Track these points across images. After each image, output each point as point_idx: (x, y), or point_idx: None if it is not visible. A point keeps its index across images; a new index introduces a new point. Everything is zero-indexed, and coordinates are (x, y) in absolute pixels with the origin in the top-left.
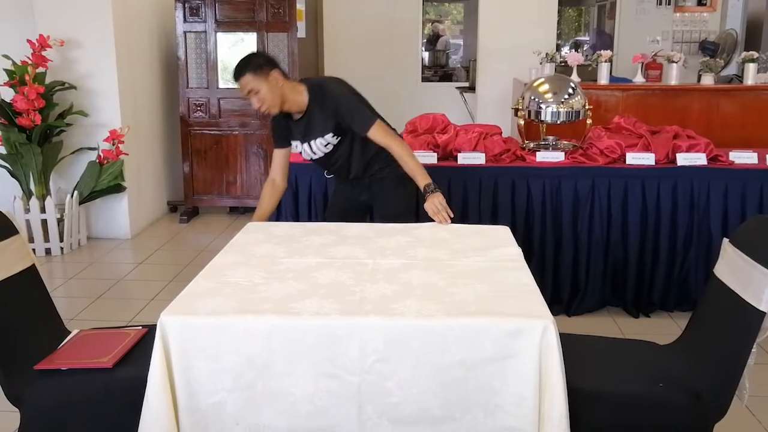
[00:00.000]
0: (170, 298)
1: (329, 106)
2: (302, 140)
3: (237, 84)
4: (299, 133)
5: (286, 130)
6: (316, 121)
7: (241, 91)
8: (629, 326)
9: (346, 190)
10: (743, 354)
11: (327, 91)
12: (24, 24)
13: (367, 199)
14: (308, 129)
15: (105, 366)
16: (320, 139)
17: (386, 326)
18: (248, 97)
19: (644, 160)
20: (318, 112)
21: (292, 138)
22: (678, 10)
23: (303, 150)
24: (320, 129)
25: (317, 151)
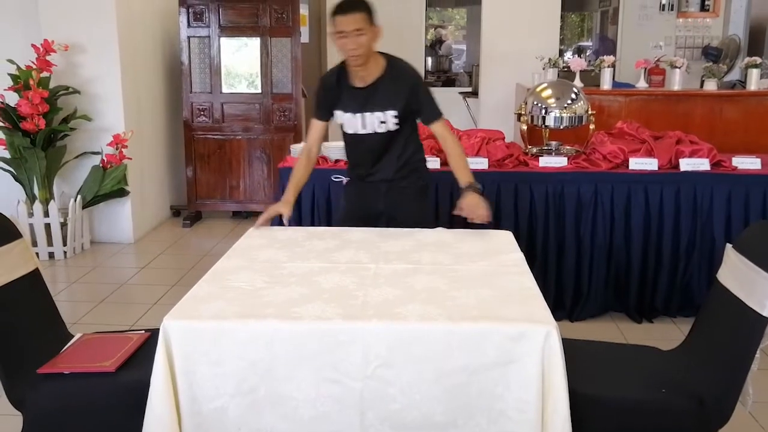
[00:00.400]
0: (173, 302)
1: (406, 84)
2: (358, 110)
3: (341, 17)
4: (356, 102)
5: (336, 97)
6: (384, 93)
7: (342, 26)
8: (632, 331)
9: (361, 199)
10: (746, 360)
11: (408, 69)
12: (28, 28)
13: (385, 208)
14: (371, 99)
15: (107, 370)
16: (380, 113)
17: (389, 331)
18: (345, 35)
19: (647, 165)
20: (390, 86)
21: (341, 107)
22: (681, 15)
23: (350, 123)
24: (386, 102)
25: (368, 126)
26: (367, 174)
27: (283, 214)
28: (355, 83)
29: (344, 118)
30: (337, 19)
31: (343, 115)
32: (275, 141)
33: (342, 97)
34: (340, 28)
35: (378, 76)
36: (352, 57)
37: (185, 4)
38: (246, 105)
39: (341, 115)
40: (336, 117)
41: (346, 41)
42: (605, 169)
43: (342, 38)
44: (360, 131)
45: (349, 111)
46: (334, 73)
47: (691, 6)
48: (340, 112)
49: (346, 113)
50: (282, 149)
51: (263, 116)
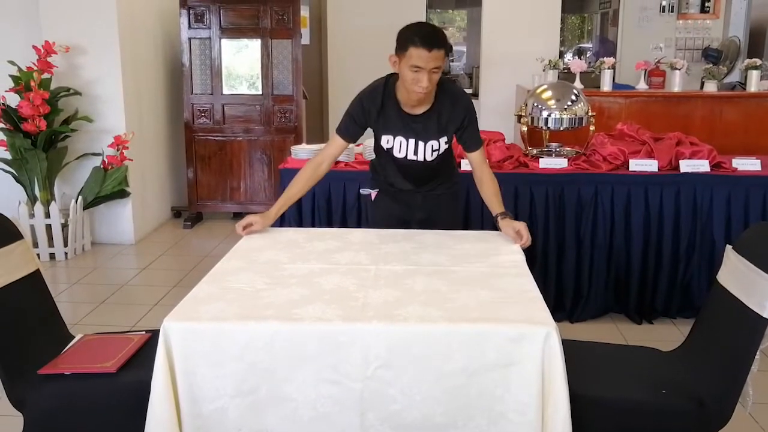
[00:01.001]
0: (173, 303)
1: (460, 111)
2: (412, 136)
3: (424, 52)
4: (411, 130)
5: (381, 121)
6: (439, 122)
7: (423, 61)
8: (632, 333)
9: (394, 208)
10: (746, 361)
11: (460, 95)
12: (30, 30)
13: (420, 216)
14: (426, 128)
15: (108, 371)
16: (434, 141)
17: (389, 332)
18: (421, 70)
19: (647, 166)
20: (445, 114)
21: (389, 132)
22: (681, 17)
23: (401, 148)
24: (441, 131)
25: (419, 154)
26: (403, 188)
27: (255, 228)
28: (407, 109)
29: (394, 143)
30: (417, 53)
31: (393, 140)
32: (276, 142)
33: (389, 122)
34: (420, 63)
35: (432, 102)
36: (421, 93)
37: (186, 6)
38: (247, 106)
39: (390, 140)
40: (383, 141)
41: (420, 76)
42: (605, 170)
43: (417, 72)
44: (411, 157)
45: (401, 136)
46: (379, 94)
47: (691, 7)
48: (389, 136)
49: (397, 137)
50: (283, 151)
51: (264, 118)
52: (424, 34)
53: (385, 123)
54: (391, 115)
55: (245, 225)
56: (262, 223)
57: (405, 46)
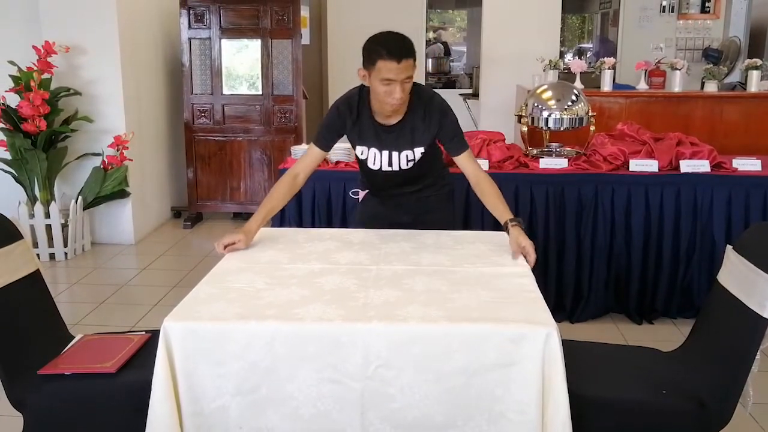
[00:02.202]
0: (174, 303)
1: (435, 116)
2: (385, 148)
3: (392, 63)
4: (383, 141)
5: (355, 132)
6: (412, 131)
7: (393, 73)
8: (632, 333)
9: (383, 211)
10: (747, 361)
11: (435, 101)
12: (30, 30)
13: (411, 219)
14: (400, 138)
15: (108, 371)
16: (408, 152)
17: (389, 332)
18: (392, 83)
19: (647, 167)
20: (418, 123)
21: (363, 143)
22: (681, 17)
23: (374, 159)
24: (415, 140)
25: (395, 164)
26: (391, 196)
27: (238, 246)
28: (380, 120)
29: (368, 154)
30: (386, 65)
31: (367, 151)
32: (276, 142)
33: (364, 133)
34: (390, 75)
35: (405, 112)
36: (395, 105)
37: (186, 6)
38: (247, 106)
39: (364, 151)
40: (358, 152)
41: (392, 89)
42: (606, 170)
43: (388, 85)
44: (386, 168)
45: (374, 147)
46: (354, 104)
47: (691, 8)
48: (363, 147)
49: (371, 149)
50: (282, 151)
51: (264, 118)
52: (392, 46)
53: (359, 133)
54: (365, 125)
55: (227, 243)
56: (245, 241)
57: (373, 60)
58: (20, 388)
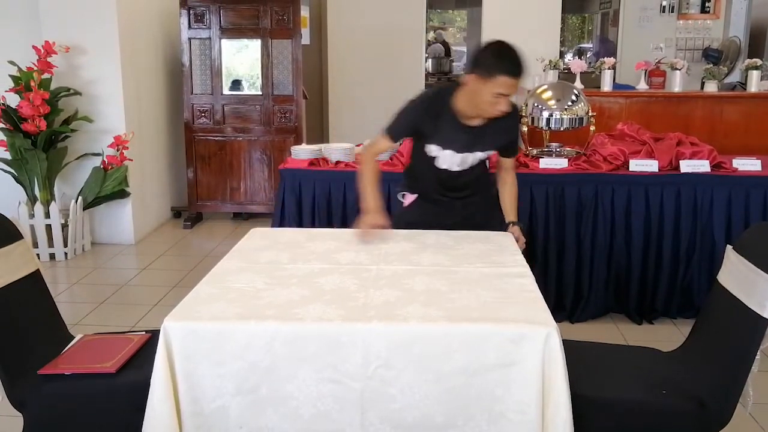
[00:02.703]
0: (174, 303)
1: (514, 121)
2: (462, 149)
3: (511, 80)
4: (462, 142)
5: (434, 130)
6: (492, 134)
7: (508, 88)
8: (632, 333)
9: (432, 216)
10: (747, 361)
11: (515, 107)
12: (30, 30)
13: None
14: (479, 139)
15: (108, 371)
16: (482, 153)
17: (389, 332)
18: (503, 96)
19: (647, 167)
20: (499, 126)
21: (438, 142)
22: (681, 17)
23: (446, 160)
24: (492, 142)
25: (464, 164)
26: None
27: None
28: (464, 121)
29: (441, 154)
30: (506, 82)
31: (441, 152)
32: (276, 142)
33: (444, 133)
34: (505, 90)
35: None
36: (495, 115)
37: (186, 6)
38: (247, 106)
39: (437, 150)
40: (429, 150)
41: (501, 101)
42: (606, 170)
43: (498, 97)
44: (454, 168)
45: (450, 149)
46: (438, 104)
47: (691, 8)
48: (436, 147)
49: (446, 150)
50: (282, 151)
51: (264, 118)
52: (515, 64)
53: (437, 133)
54: (446, 126)
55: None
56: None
57: (492, 73)
58: (20, 388)
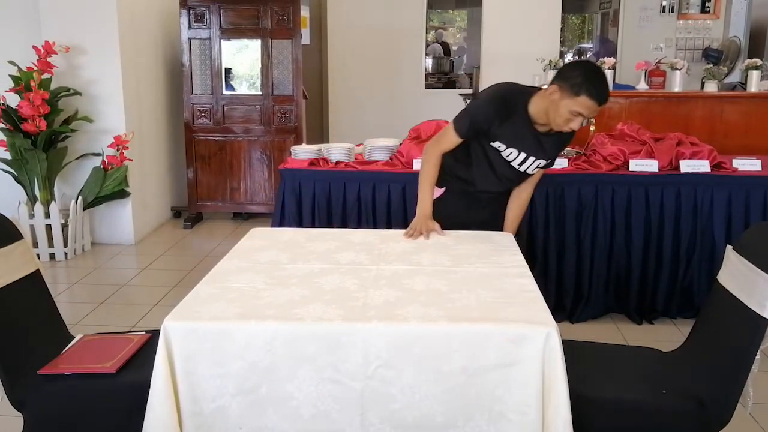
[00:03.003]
0: (174, 303)
1: (570, 137)
2: (530, 152)
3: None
4: (531, 146)
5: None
6: (555, 145)
7: (589, 112)
8: (632, 333)
9: (462, 209)
10: (747, 361)
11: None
12: (30, 30)
13: (486, 218)
14: (544, 147)
15: (108, 371)
16: (542, 161)
17: (389, 332)
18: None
19: (647, 167)
20: (562, 138)
21: (506, 142)
22: (681, 17)
23: (511, 157)
24: (553, 153)
25: (524, 167)
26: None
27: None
28: (537, 127)
29: (507, 152)
30: (587, 104)
31: (508, 150)
32: (276, 142)
33: (514, 134)
34: (586, 113)
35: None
36: (565, 130)
37: (186, 6)
38: (247, 107)
39: (504, 148)
40: (496, 145)
41: (576, 121)
42: (606, 170)
43: (575, 116)
44: (515, 164)
45: (516, 149)
46: (512, 106)
47: (691, 8)
48: (503, 145)
49: (512, 148)
50: (282, 151)
51: (264, 118)
52: (602, 90)
53: (507, 132)
54: (518, 128)
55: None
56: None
57: (578, 92)
58: (20, 388)
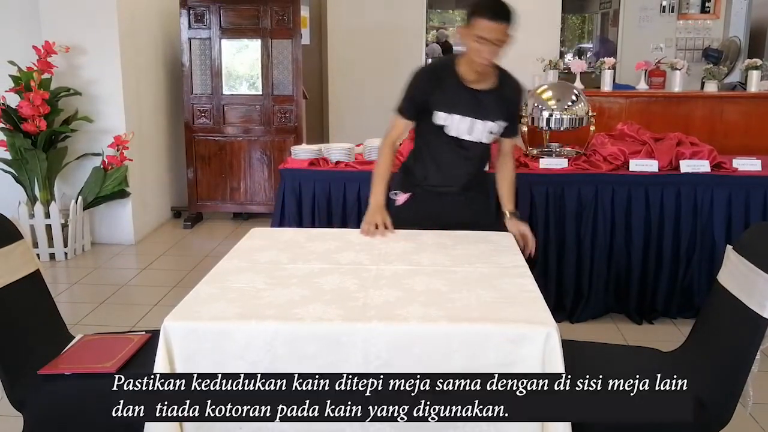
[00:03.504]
0: (174, 303)
1: (515, 94)
2: (470, 114)
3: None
4: (469, 106)
5: (441, 96)
6: (498, 102)
7: (488, 33)
8: (632, 333)
9: (432, 212)
10: (747, 361)
11: (517, 81)
12: (30, 30)
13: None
14: (486, 106)
15: (108, 371)
16: (492, 123)
17: (389, 332)
18: (486, 43)
19: (647, 167)
20: (504, 95)
21: (445, 109)
22: (681, 17)
23: (455, 126)
24: (498, 112)
25: (474, 134)
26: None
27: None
28: (468, 84)
29: (450, 121)
30: (483, 24)
31: (450, 117)
32: (276, 143)
33: (450, 97)
34: (485, 35)
35: (493, 83)
36: (482, 64)
37: (186, 6)
38: (247, 107)
39: (445, 118)
40: (437, 117)
41: (485, 48)
42: (606, 170)
43: (481, 44)
44: (464, 137)
45: (457, 113)
46: (440, 68)
47: (691, 8)
48: (444, 114)
49: (453, 114)
50: (282, 151)
51: (264, 118)
52: (491, 7)
53: (443, 98)
54: (451, 89)
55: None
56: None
57: (472, 18)
58: (20, 388)
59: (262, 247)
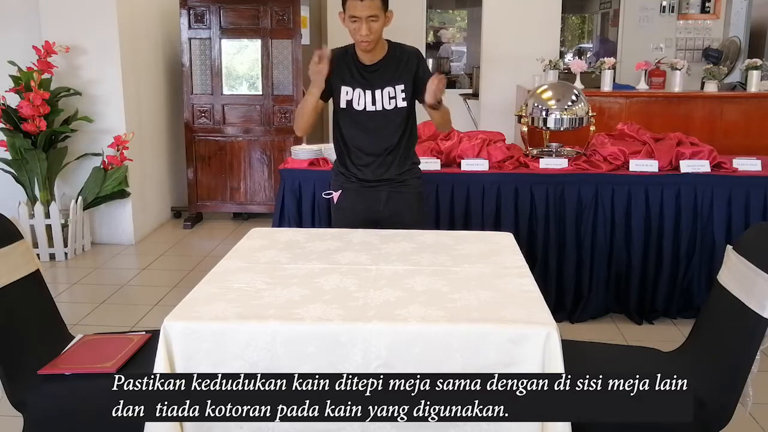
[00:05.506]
0: (174, 303)
1: (412, 57)
2: (368, 86)
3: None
4: (365, 80)
5: (344, 74)
6: (392, 69)
7: (356, 11)
8: (632, 333)
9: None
10: (747, 361)
11: (409, 48)
12: (30, 30)
13: (386, 215)
14: (380, 76)
15: (108, 371)
16: (390, 88)
17: (389, 332)
18: (358, 20)
19: (647, 167)
20: (396, 61)
21: (349, 84)
22: (681, 17)
23: (358, 99)
24: (394, 78)
25: (377, 103)
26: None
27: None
28: (363, 61)
29: (353, 95)
30: (351, 3)
31: (352, 92)
32: (276, 143)
33: (347, 73)
34: (354, 13)
35: (383, 54)
36: (363, 43)
37: (186, 6)
38: (247, 107)
39: (349, 92)
40: (343, 96)
41: (358, 26)
42: (606, 170)
43: (355, 22)
44: (370, 108)
45: (358, 87)
46: (344, 51)
47: (691, 8)
48: (348, 88)
49: (355, 89)
50: (282, 151)
51: (264, 118)
52: None
53: (344, 74)
54: (348, 66)
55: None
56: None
57: (344, 1)
58: (20, 388)
59: (262, 247)
